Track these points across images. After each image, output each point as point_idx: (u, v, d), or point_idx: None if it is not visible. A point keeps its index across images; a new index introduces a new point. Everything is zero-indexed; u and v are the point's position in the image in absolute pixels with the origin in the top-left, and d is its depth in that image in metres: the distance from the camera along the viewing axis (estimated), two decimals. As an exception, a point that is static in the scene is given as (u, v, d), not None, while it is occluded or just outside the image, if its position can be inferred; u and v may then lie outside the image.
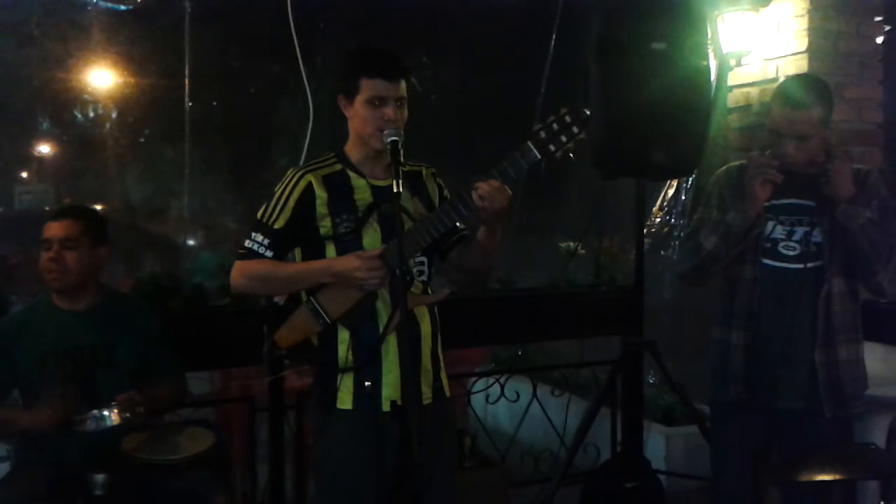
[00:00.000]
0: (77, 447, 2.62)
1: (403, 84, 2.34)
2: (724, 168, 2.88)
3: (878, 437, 3.41)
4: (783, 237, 2.64)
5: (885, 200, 2.63)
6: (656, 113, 3.37)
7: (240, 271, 2.37)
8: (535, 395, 4.38)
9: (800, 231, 2.62)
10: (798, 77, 2.78)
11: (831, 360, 2.62)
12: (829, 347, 2.62)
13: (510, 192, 2.22)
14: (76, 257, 2.78)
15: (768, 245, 2.65)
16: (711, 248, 2.69)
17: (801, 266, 2.61)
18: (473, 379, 4.46)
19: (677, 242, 4.95)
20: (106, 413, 2.57)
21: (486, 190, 2.19)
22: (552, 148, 2.18)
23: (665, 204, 5.01)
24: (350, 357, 2.32)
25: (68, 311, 2.82)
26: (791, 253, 2.63)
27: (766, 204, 2.60)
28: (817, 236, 2.61)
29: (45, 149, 10.37)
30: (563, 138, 2.18)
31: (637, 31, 3.41)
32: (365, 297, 2.31)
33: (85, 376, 2.73)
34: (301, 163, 2.54)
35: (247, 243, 2.36)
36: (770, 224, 2.64)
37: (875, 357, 3.43)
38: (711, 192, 2.83)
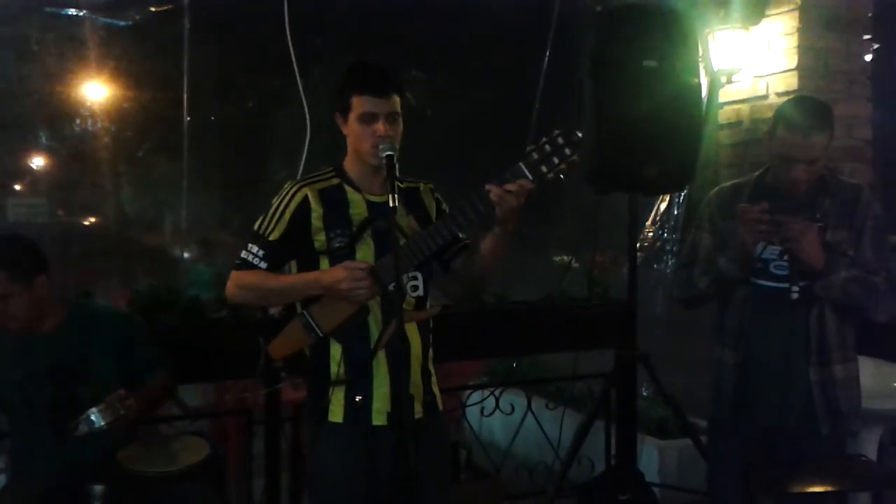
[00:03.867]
0: (74, 458, 2.63)
1: (396, 98, 2.37)
2: (715, 190, 2.91)
3: (869, 449, 3.44)
4: (775, 257, 2.66)
5: (878, 218, 2.66)
6: (649, 129, 3.40)
7: (235, 282, 2.40)
8: (529, 408, 4.40)
9: (795, 269, 2.61)
10: (800, 101, 2.76)
11: (826, 378, 2.64)
12: (823, 366, 2.64)
13: (526, 187, 2.21)
14: (18, 306, 2.68)
15: (759, 265, 2.67)
16: (704, 287, 2.75)
17: (792, 285, 2.60)
18: (468, 392, 4.48)
19: (669, 257, 4.99)
20: (95, 415, 2.51)
21: (498, 193, 2.20)
22: (544, 169, 2.21)
23: (658, 218, 5.05)
24: (341, 371, 2.35)
25: (37, 334, 2.76)
26: (782, 273, 2.64)
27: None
28: None
29: (40, 161, 10.40)
30: (556, 160, 2.21)
31: (630, 48, 3.45)
32: (356, 312, 2.33)
33: (68, 394, 2.70)
34: (298, 176, 2.56)
35: (242, 254, 2.40)
36: (761, 245, 2.65)
37: (866, 371, 3.45)
38: (703, 215, 2.86)
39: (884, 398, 3.42)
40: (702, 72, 3.76)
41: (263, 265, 2.37)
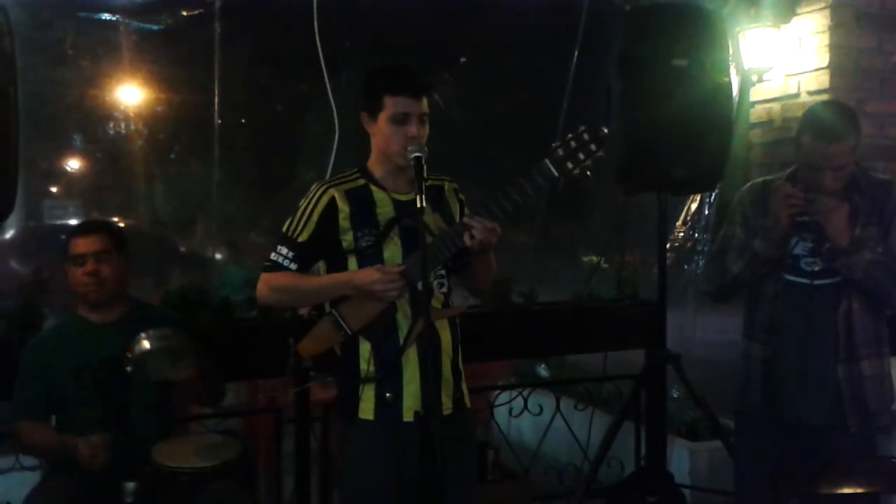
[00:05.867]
0: (109, 455, 2.68)
1: (425, 100, 2.39)
2: (747, 185, 2.91)
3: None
4: (805, 253, 2.65)
5: None
6: (678, 128, 3.39)
7: (265, 283, 2.44)
8: (558, 408, 4.40)
9: (824, 246, 2.62)
10: (827, 106, 2.76)
11: (854, 375, 2.62)
12: (851, 363, 2.62)
13: (499, 231, 2.28)
14: (111, 269, 2.86)
15: (790, 261, 2.67)
16: (738, 272, 2.74)
17: (822, 282, 2.63)
18: (496, 392, 4.48)
19: (700, 257, 4.95)
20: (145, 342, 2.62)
21: (476, 228, 2.25)
22: (570, 166, 2.23)
23: (688, 218, 5.01)
24: (371, 368, 2.37)
25: (101, 324, 2.89)
26: (813, 269, 2.64)
27: None
28: None
29: (75, 164, 10.57)
30: (581, 156, 2.22)
31: (658, 47, 3.44)
32: (385, 310, 2.36)
33: (118, 390, 2.78)
34: (327, 177, 2.59)
35: (272, 256, 2.43)
36: (793, 240, 2.66)
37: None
38: (735, 210, 2.86)
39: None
40: (732, 71, 3.74)
41: (293, 266, 2.41)
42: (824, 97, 4.06)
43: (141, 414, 2.79)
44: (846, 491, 2.19)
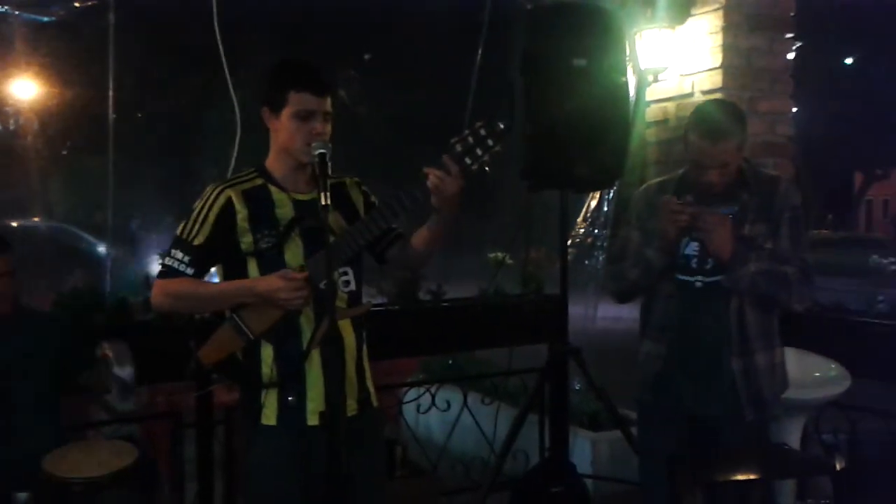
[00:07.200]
0: (-2, 466, 2.58)
1: (330, 99, 2.36)
2: (643, 187, 2.99)
3: (793, 438, 3.54)
4: (695, 254, 2.74)
5: (796, 209, 2.74)
6: (579, 127, 3.45)
7: (161, 290, 2.36)
8: (465, 403, 4.43)
9: (707, 257, 2.70)
10: (712, 105, 2.83)
11: (749, 368, 2.72)
12: (745, 356, 2.72)
13: (462, 179, 2.24)
14: (10, 285, 2.84)
15: (682, 261, 2.75)
16: (635, 279, 2.83)
17: (713, 280, 2.71)
18: (405, 389, 4.49)
19: (600, 252, 5.07)
20: None
21: (437, 176, 2.22)
22: (468, 161, 2.23)
23: (589, 215, 5.12)
24: (274, 372, 2.33)
25: None
26: (703, 267, 2.72)
27: None
28: None
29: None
30: (479, 151, 2.23)
31: (559, 47, 3.49)
32: (287, 313, 2.31)
33: (2, 391, 2.70)
34: (229, 175, 2.53)
35: (167, 261, 2.34)
36: (684, 241, 2.73)
37: (789, 361, 3.57)
38: (631, 212, 2.95)
39: (807, 388, 3.52)
40: (629, 70, 3.83)
41: (190, 271, 2.33)
42: (717, 96, 4.20)
43: (27, 422, 2.69)
44: (740, 478, 2.26)
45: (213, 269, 2.44)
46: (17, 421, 2.68)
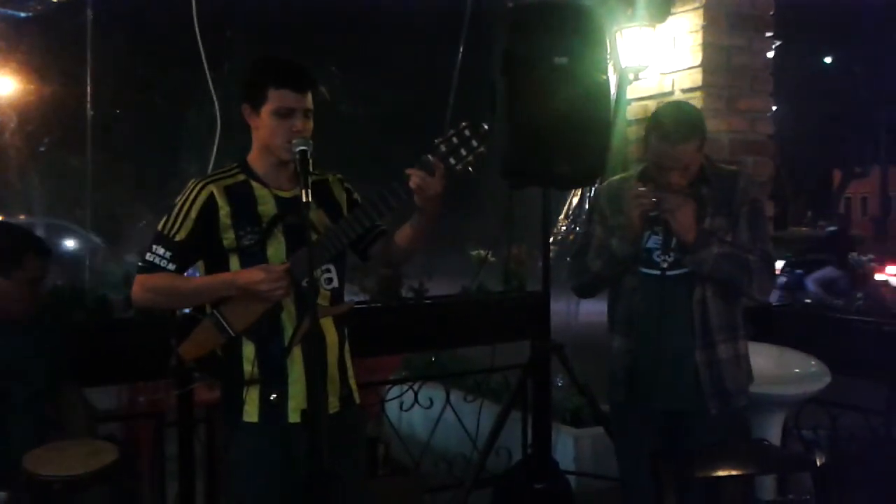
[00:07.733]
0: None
1: (310, 96, 2.36)
2: (605, 183, 3.02)
3: (773, 434, 3.57)
4: (657, 247, 2.76)
5: (755, 202, 2.78)
6: (560, 125, 3.46)
7: (141, 285, 2.34)
8: (448, 401, 4.44)
9: (673, 240, 2.72)
10: (671, 108, 2.83)
11: (712, 359, 2.74)
12: (708, 348, 2.74)
13: (445, 180, 2.24)
14: (40, 289, 2.84)
15: (644, 254, 2.77)
16: (597, 270, 2.84)
17: (675, 272, 2.73)
18: (388, 387, 4.48)
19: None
20: None
21: (420, 175, 2.22)
22: (452, 161, 2.24)
23: (570, 212, 5.14)
24: (255, 370, 2.32)
25: None
26: (666, 261, 2.75)
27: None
28: None
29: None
30: (463, 152, 2.24)
31: (540, 46, 3.50)
32: (269, 310, 2.31)
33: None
34: (209, 171, 2.52)
35: (148, 256, 2.33)
36: (646, 234, 2.75)
37: (769, 357, 3.59)
38: (594, 207, 2.96)
39: (787, 384, 3.55)
40: (610, 69, 3.84)
41: (171, 267, 2.32)
42: (697, 94, 4.22)
43: (17, 422, 2.67)
44: (721, 473, 2.28)
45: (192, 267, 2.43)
46: (10, 421, 2.66)
